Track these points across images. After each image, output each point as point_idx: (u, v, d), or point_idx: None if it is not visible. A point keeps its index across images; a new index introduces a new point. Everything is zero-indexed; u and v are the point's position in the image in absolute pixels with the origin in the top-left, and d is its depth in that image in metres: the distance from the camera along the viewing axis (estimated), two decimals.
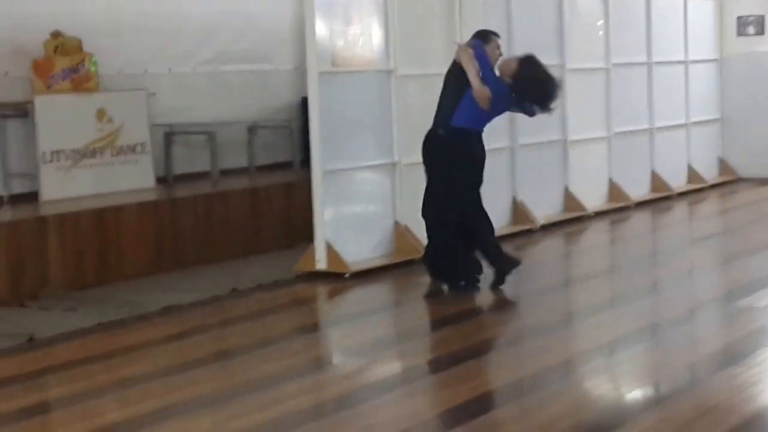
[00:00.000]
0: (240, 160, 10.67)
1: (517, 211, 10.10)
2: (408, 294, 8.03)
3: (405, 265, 8.49)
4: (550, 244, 9.85)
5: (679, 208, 11.78)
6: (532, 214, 10.13)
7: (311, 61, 8.15)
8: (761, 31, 13.29)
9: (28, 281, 7.72)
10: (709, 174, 13.10)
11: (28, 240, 7.78)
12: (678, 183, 12.47)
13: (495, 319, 7.05)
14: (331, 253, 8.14)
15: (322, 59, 8.21)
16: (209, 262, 8.80)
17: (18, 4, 9.09)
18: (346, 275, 8.10)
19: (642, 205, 11.63)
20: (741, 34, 13.37)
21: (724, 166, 13.43)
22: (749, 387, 5.24)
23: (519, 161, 10.19)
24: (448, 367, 5.94)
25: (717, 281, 8.26)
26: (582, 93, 11.03)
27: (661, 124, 12.29)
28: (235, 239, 9.19)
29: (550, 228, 10.24)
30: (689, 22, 12.78)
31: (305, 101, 8.67)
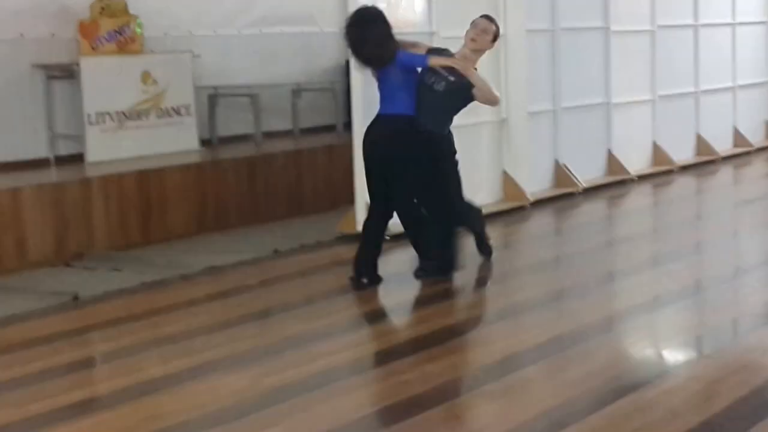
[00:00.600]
0: (284, 123, 10.71)
1: (560, 174, 10.08)
2: None
3: None
4: (593, 206, 9.82)
5: (724, 172, 11.68)
6: (575, 177, 10.10)
7: None
8: None
9: (73, 242, 7.85)
10: (756, 138, 12.96)
11: (73, 201, 7.90)
12: (723, 147, 12.35)
13: (535, 279, 7.06)
14: None
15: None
16: (252, 223, 8.88)
17: None
18: (387, 237, 8.13)
19: (686, 168, 11.55)
20: None
21: None
22: None
23: (562, 124, 10.15)
24: (486, 325, 6.00)
25: (760, 243, 8.21)
26: (626, 56, 10.95)
27: (706, 87, 12.16)
28: (277, 201, 9.26)
29: (592, 191, 10.21)
30: None
31: (349, 64, 8.68)
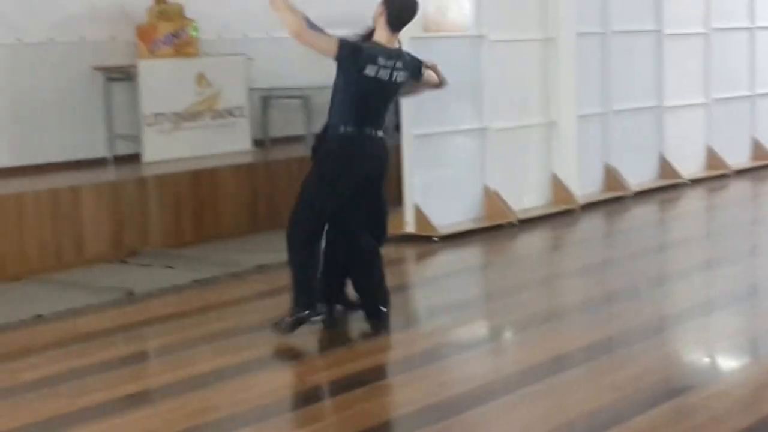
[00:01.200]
0: None
1: (610, 177, 10.04)
2: (495, 257, 8.10)
3: (493, 229, 8.57)
4: (644, 210, 9.76)
5: None
6: (625, 180, 10.08)
7: None
8: None
9: (128, 239, 8.03)
10: None
11: (129, 200, 8.08)
12: None
13: (584, 282, 7.07)
14: (420, 216, 8.26)
15: (413, 24, 8.25)
16: None
17: None
18: (435, 238, 8.21)
19: (741, 173, 11.43)
20: None
21: None
22: None
23: (612, 127, 10.13)
24: (533, 326, 6.02)
25: None
26: (679, 58, 10.89)
27: (763, 91, 12.06)
28: None
29: (643, 195, 10.15)
30: None
31: None
